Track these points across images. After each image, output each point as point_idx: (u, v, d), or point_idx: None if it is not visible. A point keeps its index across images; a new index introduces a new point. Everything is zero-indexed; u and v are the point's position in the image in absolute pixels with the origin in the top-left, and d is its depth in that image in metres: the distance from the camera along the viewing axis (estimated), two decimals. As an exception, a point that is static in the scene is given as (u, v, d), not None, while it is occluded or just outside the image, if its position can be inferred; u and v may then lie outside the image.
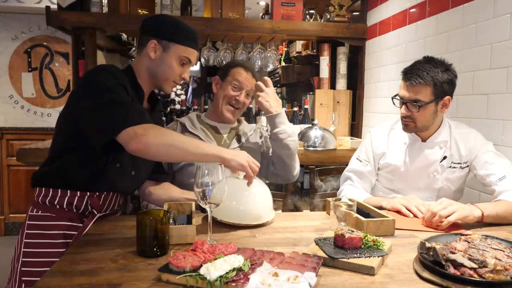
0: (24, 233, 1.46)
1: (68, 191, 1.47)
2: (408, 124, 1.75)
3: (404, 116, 1.74)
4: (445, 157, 1.78)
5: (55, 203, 1.47)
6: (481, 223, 1.49)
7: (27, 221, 1.48)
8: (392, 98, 1.79)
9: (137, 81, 1.53)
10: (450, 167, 1.78)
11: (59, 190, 1.47)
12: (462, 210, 1.44)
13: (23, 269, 1.42)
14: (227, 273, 0.95)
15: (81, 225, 1.49)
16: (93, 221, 1.49)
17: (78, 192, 1.48)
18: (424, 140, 1.81)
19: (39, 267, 1.39)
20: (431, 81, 1.65)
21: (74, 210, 1.49)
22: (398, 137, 1.88)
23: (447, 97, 1.70)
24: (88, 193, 1.49)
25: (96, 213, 1.50)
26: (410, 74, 1.68)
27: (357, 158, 1.97)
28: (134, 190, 1.71)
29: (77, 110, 1.41)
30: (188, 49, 1.52)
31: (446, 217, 1.42)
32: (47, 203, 1.47)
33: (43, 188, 1.48)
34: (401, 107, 1.75)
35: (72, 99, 1.47)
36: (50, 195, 1.47)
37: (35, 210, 1.48)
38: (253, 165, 1.39)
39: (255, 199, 1.47)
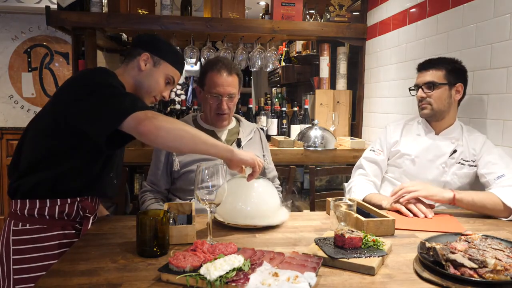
0: (11, 250, 1.38)
1: (58, 199, 1.42)
2: (425, 107, 1.84)
3: (420, 100, 1.85)
4: (455, 151, 1.82)
5: (45, 214, 1.41)
6: (456, 207, 1.65)
7: (12, 236, 1.39)
8: (410, 90, 1.92)
9: None
10: (459, 163, 1.82)
11: (48, 200, 1.40)
12: (428, 189, 1.62)
13: (17, 287, 1.37)
14: (227, 273, 0.95)
15: (73, 231, 1.47)
16: (89, 224, 1.48)
17: (69, 199, 1.44)
18: (437, 133, 1.88)
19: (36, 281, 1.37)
20: (443, 66, 1.82)
21: (66, 218, 1.44)
22: (412, 130, 1.97)
23: (460, 83, 1.82)
24: (78, 198, 1.46)
25: (89, 215, 1.49)
26: (424, 64, 1.88)
27: (370, 150, 2.05)
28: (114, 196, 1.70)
29: (74, 108, 1.35)
30: (176, 70, 1.58)
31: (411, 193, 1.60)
32: (36, 215, 1.40)
33: (27, 200, 1.39)
34: (417, 93, 1.87)
35: (63, 100, 1.40)
36: (37, 206, 1.40)
37: (20, 224, 1.40)
38: (260, 163, 1.41)
39: (264, 200, 1.46)
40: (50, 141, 1.40)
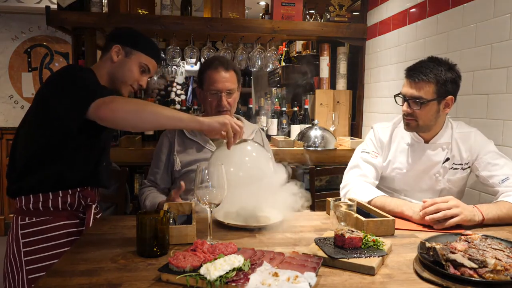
0: (21, 243, 1.43)
1: (60, 191, 1.48)
2: (410, 122, 1.71)
3: (405, 114, 1.71)
4: (447, 159, 1.75)
5: (49, 206, 1.46)
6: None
7: (20, 231, 1.44)
8: (395, 96, 1.76)
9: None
10: (452, 168, 1.75)
11: (50, 193, 1.46)
12: (465, 215, 1.43)
13: (30, 276, 1.42)
14: (227, 273, 0.95)
15: (78, 221, 1.52)
16: (92, 213, 1.53)
17: (70, 190, 1.50)
18: (426, 142, 1.77)
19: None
20: (434, 78, 1.63)
21: (69, 208, 1.51)
22: (401, 137, 1.84)
23: (450, 96, 1.67)
24: (78, 189, 1.52)
25: (91, 204, 1.54)
26: (413, 71, 1.67)
27: (362, 151, 1.87)
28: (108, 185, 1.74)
29: (48, 106, 1.41)
30: (150, 58, 1.59)
31: (449, 217, 1.41)
32: (41, 208, 1.46)
33: (31, 195, 1.45)
34: (403, 105, 1.72)
35: (41, 100, 1.46)
36: (41, 199, 1.46)
37: (27, 219, 1.46)
38: (235, 125, 1.34)
39: (258, 164, 1.43)
40: (40, 140, 1.45)
